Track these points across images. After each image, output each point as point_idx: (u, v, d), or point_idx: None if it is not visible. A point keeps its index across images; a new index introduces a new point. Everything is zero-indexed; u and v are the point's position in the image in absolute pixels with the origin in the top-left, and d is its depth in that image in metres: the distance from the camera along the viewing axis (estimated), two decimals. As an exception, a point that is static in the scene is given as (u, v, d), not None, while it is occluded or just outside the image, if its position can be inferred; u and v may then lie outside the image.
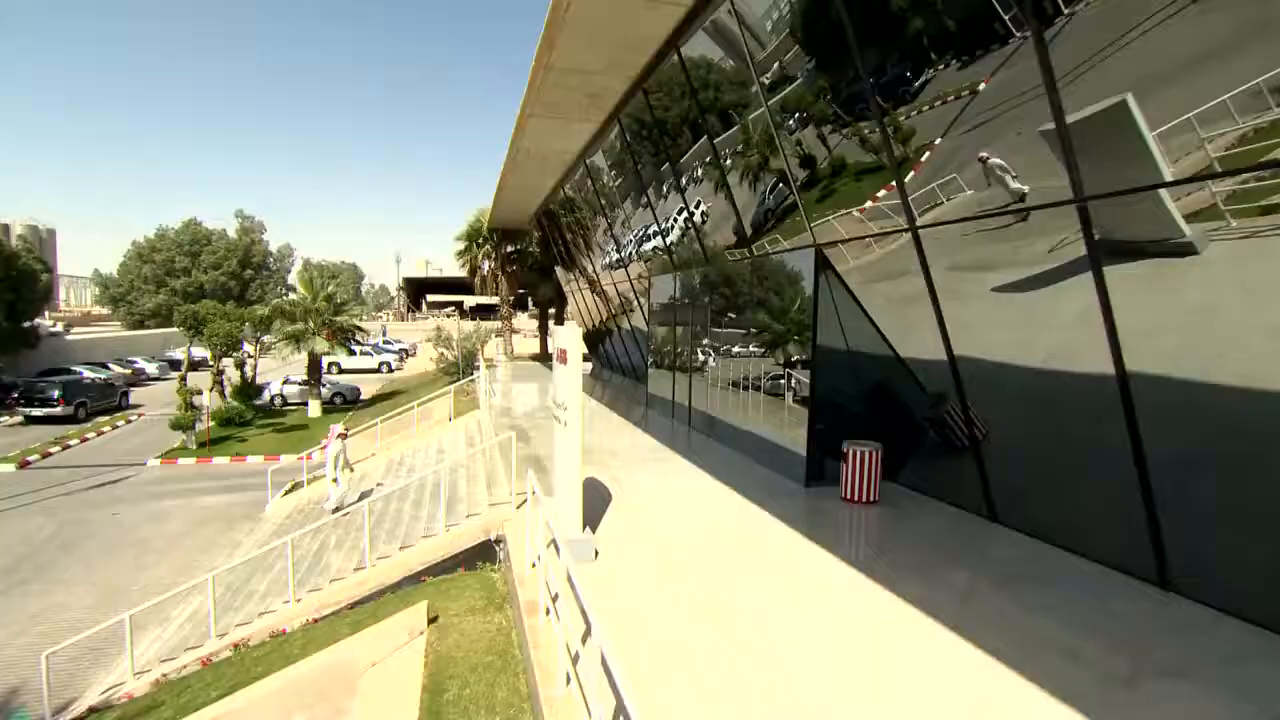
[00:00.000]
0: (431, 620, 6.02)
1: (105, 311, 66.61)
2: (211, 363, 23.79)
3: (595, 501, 7.93)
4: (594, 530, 6.94)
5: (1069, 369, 6.17)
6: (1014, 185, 5.60)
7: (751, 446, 10.33)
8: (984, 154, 5.74)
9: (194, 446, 19.74)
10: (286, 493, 14.83)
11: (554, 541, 6.68)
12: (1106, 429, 5.81)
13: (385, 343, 51.81)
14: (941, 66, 6.03)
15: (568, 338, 6.31)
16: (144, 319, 56.58)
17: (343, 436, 12.27)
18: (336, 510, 11.79)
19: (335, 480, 11.95)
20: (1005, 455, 7.17)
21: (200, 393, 19.88)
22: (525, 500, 8.14)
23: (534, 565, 6.05)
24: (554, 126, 14.37)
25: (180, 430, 19.63)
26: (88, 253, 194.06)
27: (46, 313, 73.49)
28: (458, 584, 7.04)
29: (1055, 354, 6.33)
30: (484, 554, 7.69)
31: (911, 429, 8.74)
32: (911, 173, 6.81)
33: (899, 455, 8.65)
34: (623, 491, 8.45)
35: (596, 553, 6.26)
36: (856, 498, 8.11)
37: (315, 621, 7.20)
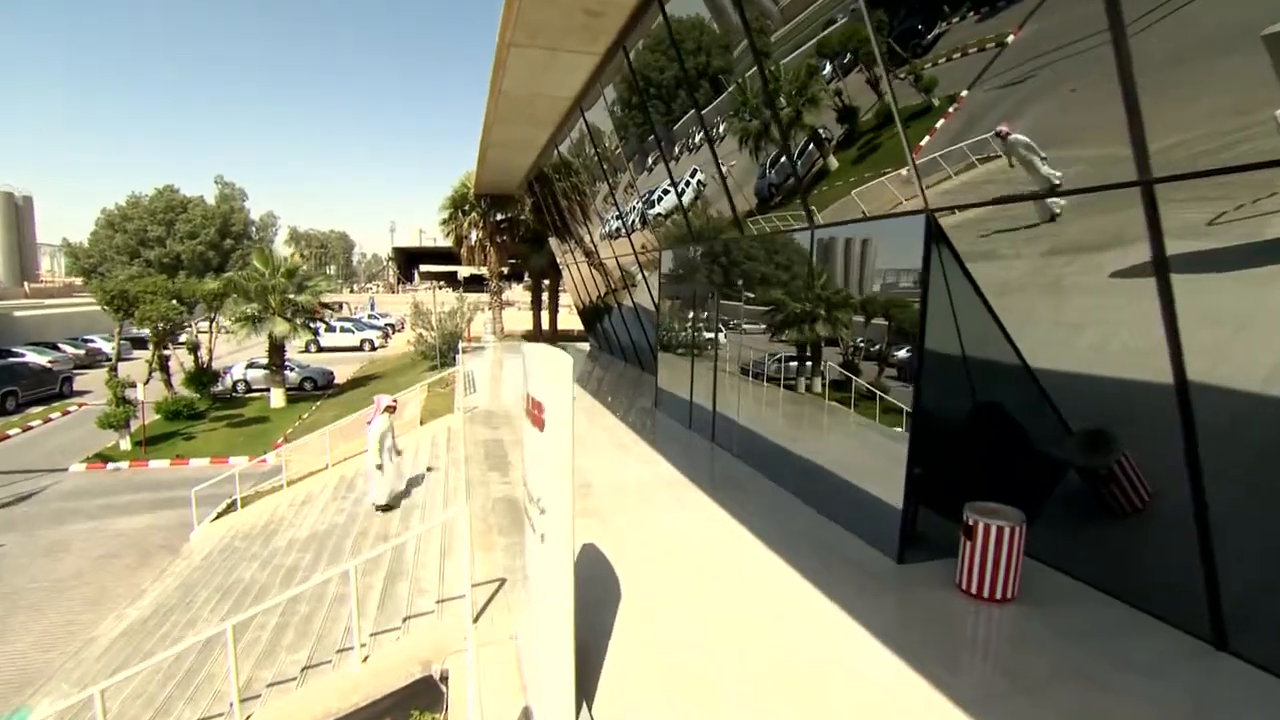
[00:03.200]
0: None
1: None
2: (153, 348, 20.96)
3: (596, 592, 5.20)
4: (591, 686, 4.23)
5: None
6: (1045, 170, 4.44)
7: (804, 482, 7.61)
8: (1003, 128, 4.51)
9: (129, 446, 17.04)
10: (218, 516, 12.16)
11: (527, 712, 4.03)
12: None
13: (371, 317, 49.01)
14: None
15: (549, 375, 3.48)
16: (116, 292, 53.34)
17: (390, 410, 9.45)
18: (387, 508, 9.19)
19: (380, 467, 9.16)
20: (1219, 536, 4.49)
21: (134, 385, 17.08)
22: (489, 600, 5.45)
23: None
24: (542, 59, 11.33)
25: (111, 429, 16.90)
26: (72, 221, 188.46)
27: (26, 284, 70.05)
28: (372, 765, 4.41)
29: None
30: (424, 690, 5.01)
31: (1051, 478, 6.03)
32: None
33: (1031, 515, 5.93)
34: (634, 572, 5.75)
35: (598, 756, 3.57)
36: (983, 592, 5.44)
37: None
